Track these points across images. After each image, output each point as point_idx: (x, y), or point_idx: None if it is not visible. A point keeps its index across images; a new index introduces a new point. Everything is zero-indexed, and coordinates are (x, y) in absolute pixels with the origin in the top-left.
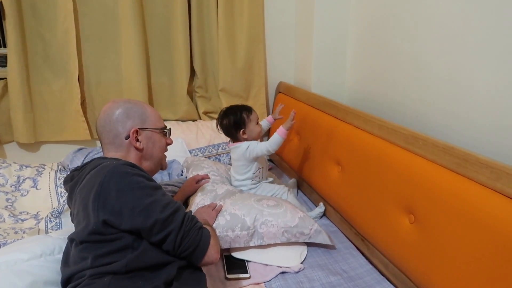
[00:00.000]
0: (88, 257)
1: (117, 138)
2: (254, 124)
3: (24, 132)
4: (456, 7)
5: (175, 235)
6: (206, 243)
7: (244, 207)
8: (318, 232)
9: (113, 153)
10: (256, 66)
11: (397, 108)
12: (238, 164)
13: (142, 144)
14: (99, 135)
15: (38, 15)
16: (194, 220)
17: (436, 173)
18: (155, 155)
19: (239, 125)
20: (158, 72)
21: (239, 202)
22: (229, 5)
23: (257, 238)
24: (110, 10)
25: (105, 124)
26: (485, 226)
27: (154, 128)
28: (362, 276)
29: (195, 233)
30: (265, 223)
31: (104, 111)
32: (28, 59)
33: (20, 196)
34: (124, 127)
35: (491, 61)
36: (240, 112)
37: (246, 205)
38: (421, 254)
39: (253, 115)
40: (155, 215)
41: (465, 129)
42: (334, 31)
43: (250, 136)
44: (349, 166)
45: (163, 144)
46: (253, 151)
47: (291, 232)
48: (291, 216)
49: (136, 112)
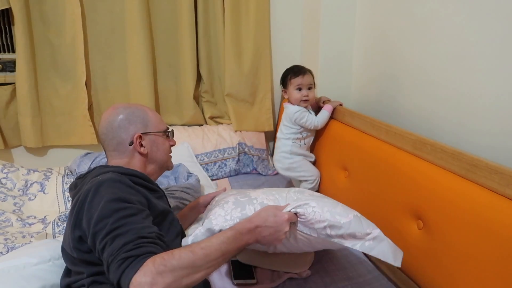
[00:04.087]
0: (84, 272)
1: (120, 145)
2: (293, 88)
3: (32, 136)
4: (463, 14)
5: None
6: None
7: (279, 193)
8: (379, 240)
9: (117, 160)
10: (262, 71)
11: (404, 113)
12: (284, 123)
13: (147, 148)
14: (102, 142)
15: (46, 21)
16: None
17: (445, 178)
18: (160, 158)
19: (282, 82)
20: (165, 77)
21: (274, 192)
22: (235, 10)
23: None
24: (118, 15)
25: (107, 132)
26: (495, 232)
27: (157, 131)
28: (370, 283)
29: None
30: (304, 207)
31: (105, 118)
32: (36, 64)
33: (28, 200)
34: (127, 133)
35: (499, 66)
36: (287, 72)
37: (281, 192)
38: (430, 260)
39: (296, 80)
40: (93, 227)
41: (473, 134)
42: (340, 36)
43: (290, 98)
44: (356, 171)
45: (167, 147)
46: (301, 118)
47: (337, 229)
48: (343, 210)
49: (138, 117)
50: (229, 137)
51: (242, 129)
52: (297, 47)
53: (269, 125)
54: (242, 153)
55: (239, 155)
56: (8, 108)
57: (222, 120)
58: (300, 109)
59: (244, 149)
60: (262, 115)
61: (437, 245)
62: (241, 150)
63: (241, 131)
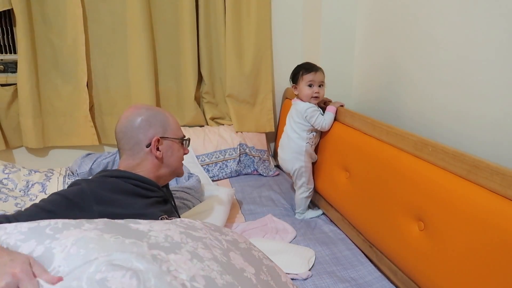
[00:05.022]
0: None
1: (137, 146)
2: (304, 84)
3: (33, 137)
4: (463, 14)
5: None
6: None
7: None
8: None
9: (129, 161)
10: (263, 72)
11: (405, 114)
12: (295, 120)
13: (162, 152)
14: (118, 140)
15: (48, 22)
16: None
17: (446, 179)
18: (172, 164)
19: (293, 78)
20: (166, 78)
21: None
22: (236, 11)
23: None
24: (119, 16)
25: (126, 130)
26: (496, 234)
27: (174, 137)
28: (370, 284)
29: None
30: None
31: (125, 116)
32: (38, 65)
33: (29, 201)
34: (145, 135)
35: (501, 66)
36: (299, 68)
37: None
38: (431, 261)
39: (308, 76)
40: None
41: (475, 135)
42: (341, 37)
43: (300, 94)
44: (357, 172)
45: (181, 154)
46: (312, 116)
47: None
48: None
49: (159, 120)
50: (230, 138)
51: (243, 130)
52: (298, 48)
53: (270, 126)
54: (243, 154)
55: (240, 156)
56: (10, 109)
57: (223, 121)
58: (312, 106)
59: (245, 150)
60: (263, 116)
61: (438, 246)
62: (242, 151)
63: (242, 132)
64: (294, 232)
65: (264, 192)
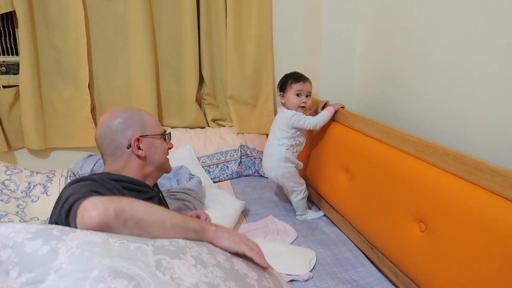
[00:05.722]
0: None
1: (118, 149)
2: (292, 93)
3: (35, 138)
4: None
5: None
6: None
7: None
8: None
9: (114, 165)
10: (264, 73)
11: (406, 115)
12: (279, 127)
13: (144, 151)
14: (99, 146)
15: (50, 24)
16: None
17: (447, 181)
18: (158, 161)
19: (281, 86)
20: (167, 79)
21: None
22: (237, 13)
23: None
24: (120, 18)
25: (105, 136)
26: (497, 235)
27: (154, 134)
28: (372, 285)
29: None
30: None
31: (102, 122)
32: (40, 66)
33: (31, 202)
34: (124, 137)
35: (502, 67)
36: (288, 77)
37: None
38: (432, 263)
39: (297, 85)
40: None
41: (474, 139)
42: (342, 39)
43: (287, 102)
44: (357, 173)
45: (164, 149)
46: (298, 120)
47: None
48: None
49: (135, 120)
50: (231, 139)
51: (244, 131)
52: (299, 50)
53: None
54: (244, 156)
55: (241, 157)
56: (12, 110)
57: (224, 122)
58: (296, 112)
59: (246, 152)
60: (264, 118)
61: (439, 248)
62: (243, 152)
63: (243, 134)
64: (295, 233)
65: (265, 193)
